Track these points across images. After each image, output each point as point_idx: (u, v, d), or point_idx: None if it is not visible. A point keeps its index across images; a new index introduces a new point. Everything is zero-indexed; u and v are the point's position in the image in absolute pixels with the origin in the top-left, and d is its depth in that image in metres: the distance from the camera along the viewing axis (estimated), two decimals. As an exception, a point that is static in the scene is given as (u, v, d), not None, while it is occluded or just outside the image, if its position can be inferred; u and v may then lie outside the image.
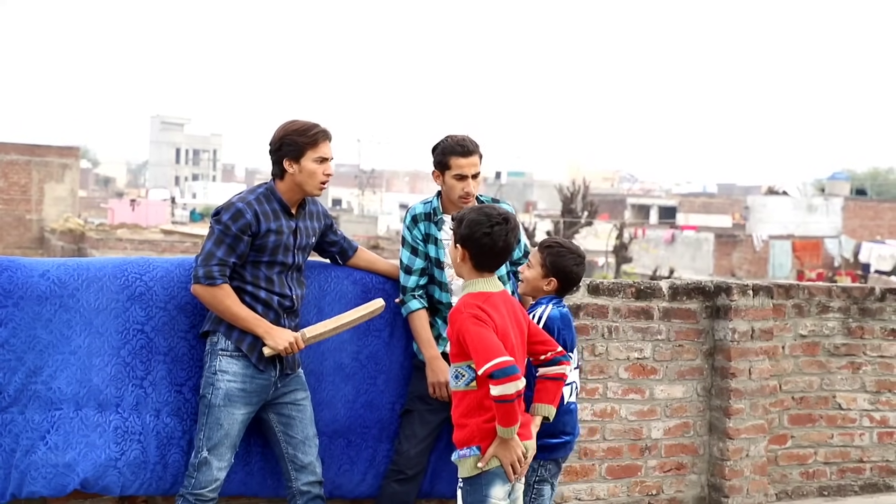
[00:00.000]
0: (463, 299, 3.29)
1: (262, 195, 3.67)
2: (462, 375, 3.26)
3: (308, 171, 3.65)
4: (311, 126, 3.67)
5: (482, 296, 3.27)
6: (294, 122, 3.70)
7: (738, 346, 4.88)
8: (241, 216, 3.57)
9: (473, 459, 3.22)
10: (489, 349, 3.11)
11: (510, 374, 3.09)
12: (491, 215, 3.29)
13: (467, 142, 3.89)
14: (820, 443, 5.31)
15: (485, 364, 3.10)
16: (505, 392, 3.08)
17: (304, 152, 3.63)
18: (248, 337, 3.60)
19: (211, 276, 3.54)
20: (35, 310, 3.62)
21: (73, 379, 3.64)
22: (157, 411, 3.75)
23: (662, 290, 4.88)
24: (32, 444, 3.58)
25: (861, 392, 5.41)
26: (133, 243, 22.98)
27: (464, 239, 3.29)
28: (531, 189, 57.42)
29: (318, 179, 3.66)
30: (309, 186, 3.67)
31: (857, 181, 54.52)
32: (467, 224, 3.29)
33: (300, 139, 3.63)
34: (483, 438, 3.21)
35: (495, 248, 3.28)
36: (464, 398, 3.27)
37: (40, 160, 29.99)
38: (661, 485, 4.86)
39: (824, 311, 5.33)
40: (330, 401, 4.01)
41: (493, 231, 3.26)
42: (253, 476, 3.91)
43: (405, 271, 3.99)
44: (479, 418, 3.22)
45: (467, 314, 3.19)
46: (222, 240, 3.56)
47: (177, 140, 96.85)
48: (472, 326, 3.16)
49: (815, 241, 33.67)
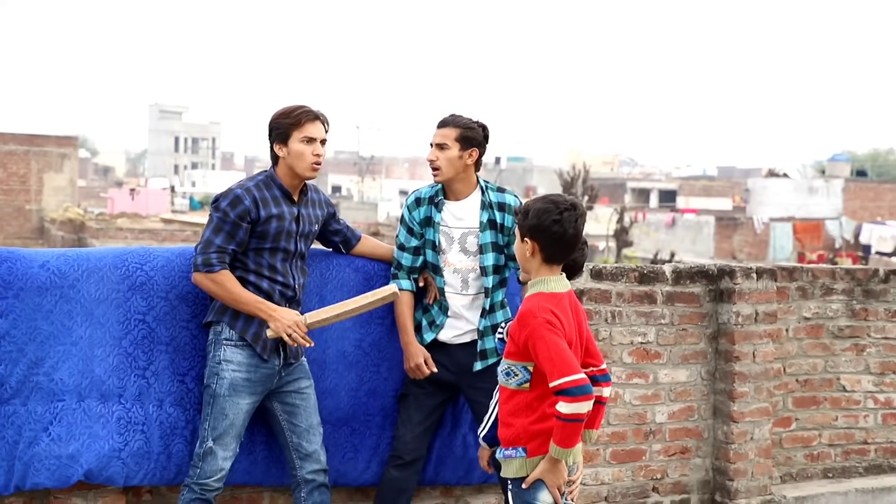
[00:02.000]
0: (535, 300, 3.09)
1: (261, 182, 3.67)
2: (515, 374, 3.12)
3: (296, 152, 3.64)
4: (295, 108, 3.68)
5: (554, 298, 3.10)
6: (283, 107, 3.72)
7: (742, 329, 4.86)
8: (240, 202, 3.56)
9: (520, 461, 3.10)
10: (565, 363, 2.94)
11: (586, 394, 2.92)
12: (558, 202, 3.12)
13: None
14: (824, 425, 5.30)
15: (560, 378, 2.92)
16: (577, 411, 2.92)
17: (289, 134, 3.64)
18: (252, 326, 3.59)
19: (209, 264, 3.53)
20: (35, 301, 3.60)
21: (74, 370, 3.62)
22: (159, 401, 3.73)
23: (665, 274, 4.85)
24: (35, 435, 3.57)
25: (865, 374, 5.39)
26: (133, 232, 22.94)
27: (532, 229, 3.09)
28: (531, 174, 57.32)
29: (308, 160, 3.65)
30: (299, 168, 3.66)
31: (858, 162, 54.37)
32: (535, 214, 3.10)
33: (285, 121, 3.65)
34: (529, 439, 3.09)
35: (566, 235, 3.10)
36: (512, 396, 3.14)
37: (39, 150, 29.93)
38: (666, 469, 4.85)
39: (828, 293, 5.31)
40: (333, 389, 4.00)
41: (562, 217, 3.08)
42: (257, 465, 3.90)
43: (400, 248, 4.00)
44: (527, 419, 3.09)
45: (542, 319, 3.01)
46: (221, 227, 3.55)
47: (175, 128, 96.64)
48: (546, 333, 2.99)
49: (815, 222, 33.63)
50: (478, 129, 3.94)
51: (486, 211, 3.95)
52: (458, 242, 3.96)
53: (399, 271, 3.98)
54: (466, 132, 3.90)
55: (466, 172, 3.95)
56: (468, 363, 3.97)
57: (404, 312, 3.95)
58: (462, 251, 3.96)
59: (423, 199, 3.99)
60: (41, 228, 28.95)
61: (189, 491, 3.60)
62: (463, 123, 3.92)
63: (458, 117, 3.96)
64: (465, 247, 3.96)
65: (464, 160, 3.92)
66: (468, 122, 3.93)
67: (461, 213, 3.97)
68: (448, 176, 3.92)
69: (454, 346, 3.98)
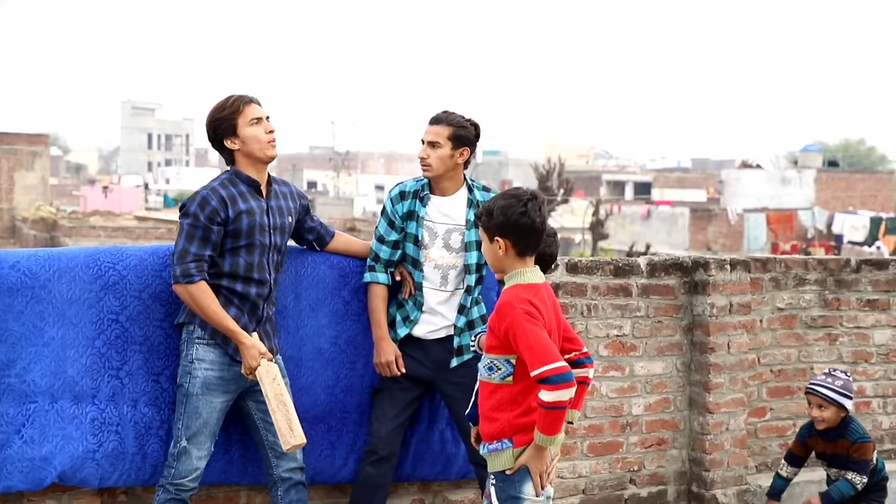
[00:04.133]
0: (513, 291, 3.10)
1: (225, 180, 3.63)
2: (498, 368, 3.12)
3: (249, 136, 3.61)
4: (226, 99, 3.65)
5: (532, 288, 3.11)
6: (212, 108, 3.66)
7: (717, 320, 4.89)
8: (207, 204, 3.52)
9: (507, 454, 3.10)
10: (545, 351, 2.96)
11: (566, 381, 2.94)
12: (518, 195, 3.15)
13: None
14: (799, 414, 5.35)
15: (541, 367, 2.94)
16: (559, 398, 2.93)
17: (235, 123, 3.61)
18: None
19: (188, 274, 3.48)
20: (6, 302, 3.55)
21: (47, 371, 3.58)
22: (134, 402, 3.70)
23: (640, 266, 4.88)
24: (7, 438, 3.53)
25: (838, 363, 5.44)
26: (107, 230, 22.72)
27: (501, 227, 3.11)
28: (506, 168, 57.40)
29: (264, 139, 3.62)
30: (258, 150, 3.62)
31: (830, 153, 54.92)
32: (500, 211, 3.11)
33: (225, 114, 3.61)
34: (515, 433, 3.10)
35: (534, 225, 3.12)
36: (496, 391, 3.14)
37: (9, 148, 29.54)
38: (643, 460, 4.88)
39: (801, 283, 5.36)
40: (310, 386, 3.98)
41: (528, 209, 3.11)
42: (233, 464, 3.88)
43: (378, 240, 3.97)
44: (511, 413, 3.10)
45: (521, 310, 3.02)
46: (192, 234, 3.50)
47: (148, 125, 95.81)
48: (525, 323, 3.00)
49: (788, 213, 33.94)
50: (470, 127, 3.94)
51: (472, 209, 3.95)
52: (441, 238, 3.95)
53: (376, 263, 3.97)
54: (459, 131, 3.90)
55: (456, 170, 3.95)
56: (444, 359, 3.97)
57: (378, 307, 3.94)
58: (445, 247, 3.95)
59: (407, 193, 3.98)
60: (13, 228, 28.60)
61: (164, 491, 3.57)
62: (456, 122, 3.90)
63: (451, 115, 3.94)
64: (448, 243, 3.95)
65: (455, 159, 3.91)
66: (461, 121, 3.92)
67: (447, 209, 3.96)
68: (438, 173, 3.92)
69: (429, 341, 3.97)
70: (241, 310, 3.59)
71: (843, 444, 4.49)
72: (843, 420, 4.49)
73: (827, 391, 4.45)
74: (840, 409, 4.46)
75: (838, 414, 4.47)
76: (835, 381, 4.48)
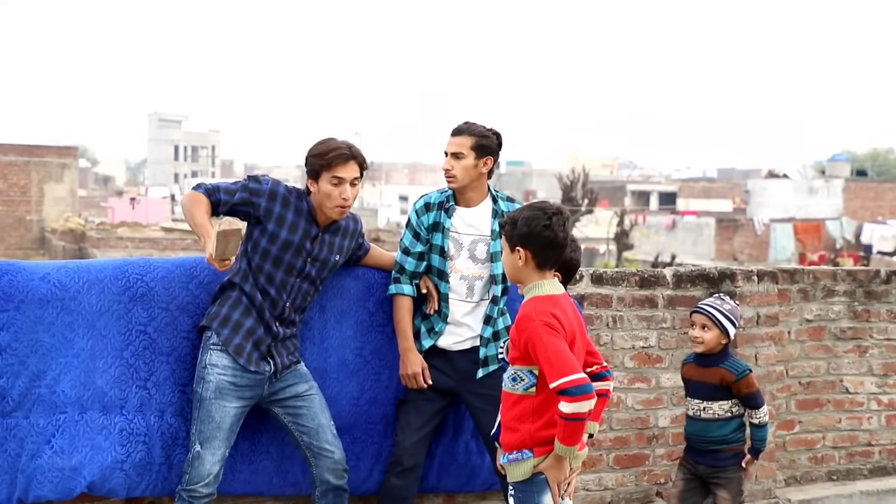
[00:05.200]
0: (532, 304, 3.11)
1: (298, 190, 3.71)
2: (521, 379, 3.13)
3: (324, 192, 3.65)
4: (330, 148, 3.65)
5: (551, 300, 3.11)
6: (322, 142, 3.70)
7: (744, 332, 4.85)
8: (259, 181, 3.65)
9: (528, 464, 3.10)
10: (564, 363, 2.96)
11: (585, 393, 2.94)
12: (544, 208, 3.16)
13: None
14: (828, 427, 5.29)
15: (559, 379, 2.94)
16: (578, 410, 2.94)
17: (320, 173, 3.64)
18: (235, 338, 3.59)
19: (198, 186, 3.63)
20: (36, 313, 3.59)
21: (76, 382, 3.62)
22: (161, 412, 3.73)
23: (666, 278, 4.85)
24: (38, 448, 3.56)
25: (868, 375, 5.38)
26: (134, 241, 22.95)
27: (523, 238, 3.12)
28: (530, 178, 57.34)
29: (335, 202, 3.64)
30: (326, 208, 3.66)
31: (858, 162, 54.37)
32: (524, 222, 3.12)
33: (317, 161, 3.64)
34: (536, 444, 3.10)
35: (557, 240, 3.13)
36: (518, 402, 3.15)
37: (39, 160, 29.95)
38: (669, 473, 4.84)
39: (829, 295, 5.30)
40: (335, 397, 3.99)
41: (552, 222, 3.12)
42: (258, 475, 3.89)
43: (404, 252, 3.98)
44: (533, 425, 3.10)
45: (539, 322, 3.03)
46: (237, 184, 3.66)
47: (175, 137, 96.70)
48: (544, 335, 3.01)
49: (816, 223, 33.61)
50: (492, 137, 3.95)
51: (497, 220, 3.95)
52: (467, 249, 3.96)
53: (401, 275, 3.97)
54: (482, 140, 3.91)
55: (480, 180, 3.96)
56: (469, 370, 3.97)
57: (404, 318, 3.94)
58: (471, 258, 3.95)
59: (432, 205, 3.99)
60: (42, 239, 28.96)
61: (179, 498, 3.60)
62: (478, 132, 3.92)
63: (473, 125, 3.96)
64: (474, 254, 3.96)
65: (479, 169, 3.92)
66: (483, 131, 3.94)
67: (472, 219, 3.97)
68: (463, 184, 3.93)
69: (455, 352, 3.97)
70: (247, 316, 3.61)
71: (716, 373, 4.09)
72: (724, 349, 4.14)
73: (714, 311, 4.10)
74: (722, 333, 4.09)
75: (719, 339, 4.10)
76: (723, 304, 4.14)
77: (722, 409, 4.11)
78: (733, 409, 4.12)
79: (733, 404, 4.11)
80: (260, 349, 3.63)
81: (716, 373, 4.11)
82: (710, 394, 4.12)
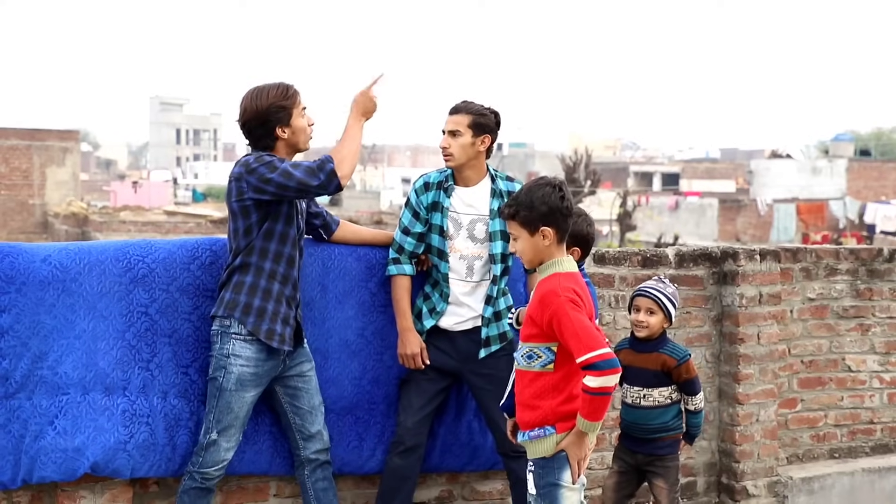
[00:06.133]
0: (554, 280, 3.10)
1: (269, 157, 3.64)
2: (538, 356, 3.13)
3: (299, 127, 3.67)
4: (280, 86, 3.65)
5: (572, 276, 3.13)
6: (262, 89, 3.64)
7: (746, 311, 4.84)
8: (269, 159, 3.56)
9: (550, 440, 3.11)
10: (591, 338, 2.97)
11: (613, 367, 2.96)
12: (551, 182, 3.17)
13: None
14: (830, 405, 5.30)
15: (587, 353, 2.95)
16: (605, 384, 2.94)
17: (291, 112, 3.64)
18: (263, 324, 3.57)
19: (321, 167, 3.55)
20: (38, 295, 3.60)
21: (78, 363, 3.63)
22: (164, 393, 3.74)
23: (669, 257, 4.84)
24: (41, 429, 3.57)
25: (870, 354, 5.38)
26: (136, 225, 22.99)
27: (545, 216, 3.11)
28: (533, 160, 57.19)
29: (308, 132, 3.71)
30: (302, 142, 3.70)
31: (861, 142, 54.13)
32: (541, 201, 3.11)
33: (286, 102, 3.63)
34: (558, 420, 3.11)
35: (571, 208, 3.18)
36: (536, 379, 3.14)
37: (41, 144, 29.94)
38: (672, 452, 4.84)
39: (832, 273, 5.29)
40: (337, 378, 4.00)
41: (564, 192, 3.15)
42: (262, 455, 3.91)
43: (403, 231, 3.97)
44: (554, 401, 3.10)
45: (565, 298, 3.03)
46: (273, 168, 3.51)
47: (177, 120, 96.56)
48: (570, 311, 3.01)
49: (819, 203, 33.54)
50: (490, 115, 3.93)
51: (496, 199, 3.94)
52: (466, 229, 3.95)
53: (401, 255, 3.97)
54: (479, 119, 3.89)
55: (478, 159, 3.94)
56: (471, 350, 3.97)
57: (403, 298, 3.94)
58: (470, 238, 3.95)
59: (431, 184, 3.98)
60: (45, 223, 28.98)
61: (190, 478, 3.63)
62: (475, 110, 3.91)
63: (470, 104, 3.94)
64: (473, 233, 3.95)
65: (476, 147, 3.91)
66: (480, 109, 3.92)
67: (471, 199, 3.96)
68: (460, 162, 3.91)
69: (456, 332, 3.97)
70: (269, 295, 3.59)
71: (657, 358, 3.94)
72: (662, 333, 4.00)
73: (659, 294, 3.94)
74: (666, 317, 3.95)
75: (662, 324, 3.96)
76: (666, 287, 3.98)
77: (662, 395, 3.95)
78: (672, 395, 3.96)
79: (672, 391, 3.96)
80: (289, 324, 3.64)
81: (657, 358, 3.94)
82: (650, 380, 3.94)
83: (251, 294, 3.57)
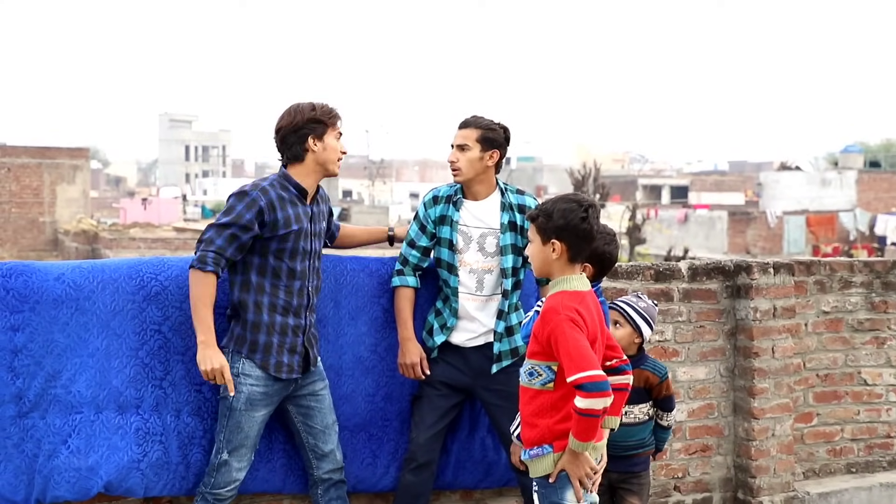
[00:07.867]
0: (558, 298, 3.10)
1: (276, 182, 3.64)
2: (539, 374, 3.13)
3: (331, 147, 3.68)
4: (329, 107, 3.72)
5: (578, 296, 3.11)
6: (307, 103, 3.71)
7: (761, 324, 4.81)
8: (254, 205, 3.52)
9: (548, 458, 3.10)
10: (584, 358, 2.96)
11: (601, 390, 2.94)
12: (580, 200, 3.13)
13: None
14: (846, 420, 5.25)
15: (577, 373, 2.95)
16: (592, 406, 2.94)
17: (327, 130, 3.66)
18: (270, 358, 3.57)
19: (204, 262, 3.46)
20: (51, 314, 3.60)
21: (92, 382, 3.62)
22: (177, 411, 3.73)
23: (681, 271, 4.82)
24: (54, 448, 3.56)
25: (886, 367, 5.33)
26: (146, 242, 23.06)
27: (559, 230, 3.10)
28: (541, 174, 57.27)
29: (339, 155, 3.72)
30: (330, 163, 3.69)
31: (871, 153, 53.96)
32: (560, 214, 3.09)
33: (324, 118, 3.66)
34: (555, 438, 3.10)
35: (591, 233, 3.13)
36: (536, 397, 3.14)
37: (51, 162, 30.12)
38: (687, 467, 4.82)
39: (846, 286, 5.26)
40: (350, 395, 3.98)
41: (588, 215, 3.11)
42: (276, 473, 3.89)
43: (409, 244, 3.98)
44: (551, 419, 3.10)
45: (564, 316, 3.03)
46: (225, 229, 3.49)
47: (186, 137, 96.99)
48: (567, 330, 3.01)
49: (829, 215, 33.43)
50: (499, 130, 3.93)
51: (506, 212, 3.94)
52: (476, 242, 3.94)
53: (405, 267, 3.97)
54: (488, 133, 3.90)
55: (486, 173, 3.94)
56: (483, 366, 3.95)
57: (405, 308, 3.94)
58: (480, 251, 3.94)
59: (440, 198, 3.98)
60: (55, 240, 29.11)
61: (202, 499, 3.61)
62: (484, 125, 3.91)
63: (480, 118, 3.95)
64: (483, 247, 3.94)
65: (484, 161, 3.91)
66: (489, 124, 3.92)
67: (481, 213, 3.96)
68: (468, 177, 3.91)
69: (468, 349, 3.95)
70: (285, 322, 3.60)
71: (640, 375, 3.82)
72: (640, 350, 3.90)
73: (626, 307, 3.85)
74: (635, 332, 3.84)
75: (632, 338, 3.84)
76: (638, 301, 3.89)
77: (642, 412, 3.88)
78: (650, 411, 3.92)
79: (650, 407, 3.91)
80: (297, 352, 3.63)
81: (639, 375, 3.81)
82: (632, 397, 3.71)
83: (255, 331, 3.57)
